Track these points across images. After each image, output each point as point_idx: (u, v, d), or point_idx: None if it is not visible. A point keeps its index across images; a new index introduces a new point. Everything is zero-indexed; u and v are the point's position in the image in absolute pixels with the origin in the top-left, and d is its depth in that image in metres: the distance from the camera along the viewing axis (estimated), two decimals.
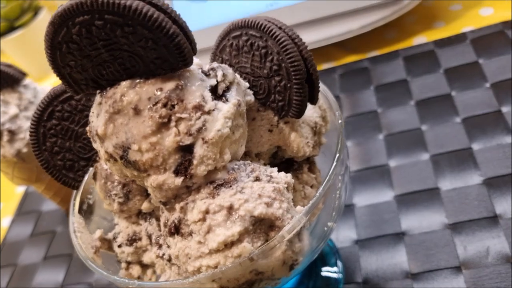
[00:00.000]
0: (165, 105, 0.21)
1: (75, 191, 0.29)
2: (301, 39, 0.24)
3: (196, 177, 0.22)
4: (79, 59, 0.21)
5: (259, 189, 0.22)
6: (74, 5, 0.19)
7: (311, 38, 0.51)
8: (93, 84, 0.22)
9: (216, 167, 0.22)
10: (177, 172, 0.21)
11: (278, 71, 0.24)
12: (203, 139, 0.21)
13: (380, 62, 0.49)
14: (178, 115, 0.21)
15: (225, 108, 0.22)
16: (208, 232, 0.21)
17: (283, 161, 0.28)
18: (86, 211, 0.30)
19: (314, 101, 0.25)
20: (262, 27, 0.24)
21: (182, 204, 0.22)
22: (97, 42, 0.20)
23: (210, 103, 0.22)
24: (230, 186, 0.22)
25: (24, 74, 0.43)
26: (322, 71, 0.51)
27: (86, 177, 0.29)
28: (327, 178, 0.23)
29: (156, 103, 0.21)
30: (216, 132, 0.21)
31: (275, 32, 0.24)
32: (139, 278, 0.28)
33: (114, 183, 0.27)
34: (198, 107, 0.21)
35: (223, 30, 0.26)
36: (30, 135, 0.27)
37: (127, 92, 0.21)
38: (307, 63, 0.24)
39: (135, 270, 0.28)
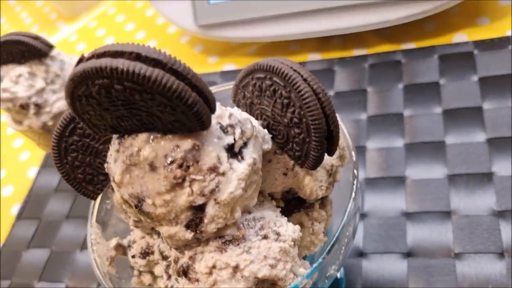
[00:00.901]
0: (180, 166, 0.21)
1: (92, 201, 0.30)
2: (325, 94, 0.23)
3: (206, 233, 0.22)
4: (98, 111, 0.21)
5: (266, 249, 0.23)
6: (93, 69, 0.19)
7: (345, 23, 0.48)
8: (112, 130, 0.23)
9: (226, 224, 0.23)
10: (188, 227, 0.22)
11: (298, 124, 0.24)
12: (215, 200, 0.22)
13: (415, 57, 0.47)
14: (192, 176, 0.21)
15: (239, 169, 0.22)
16: (213, 285, 0.23)
17: (296, 197, 0.28)
18: (104, 217, 0.31)
19: (331, 153, 0.25)
20: (287, 77, 0.23)
21: (191, 253, 0.23)
22: (116, 101, 0.20)
23: (225, 165, 0.22)
24: (238, 245, 0.23)
25: (51, 47, 0.42)
26: (352, 58, 0.50)
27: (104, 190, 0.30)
28: (334, 239, 0.24)
29: (172, 163, 0.21)
30: (228, 194, 0.22)
31: (299, 86, 0.23)
32: (149, 285, 0.30)
33: None
34: (213, 169, 0.22)
35: (248, 67, 0.26)
36: (53, 149, 0.28)
37: (144, 147, 0.22)
38: (328, 120, 0.24)
39: (147, 278, 0.30)
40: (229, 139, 0.22)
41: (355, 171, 0.27)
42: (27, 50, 0.41)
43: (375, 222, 0.38)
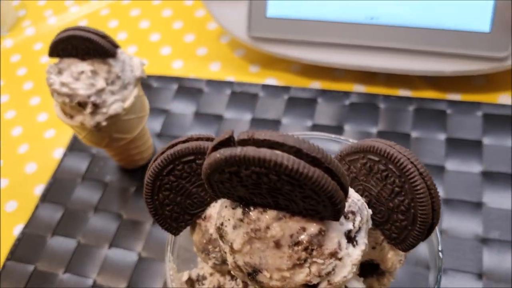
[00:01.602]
0: (305, 249, 0.22)
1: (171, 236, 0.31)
2: (436, 189, 0.25)
3: None
4: (236, 186, 0.22)
5: None
6: (256, 158, 0.20)
7: (399, 65, 0.50)
8: (239, 200, 0.23)
9: None
10: None
11: (405, 212, 0.25)
12: (328, 281, 0.23)
13: (459, 110, 0.49)
14: (314, 259, 0.22)
15: (354, 255, 0.23)
16: None
17: (369, 263, 0.30)
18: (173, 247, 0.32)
19: (424, 239, 0.27)
20: (404, 170, 0.25)
21: None
22: (262, 184, 0.21)
23: (344, 250, 0.23)
24: None
25: (116, 47, 0.42)
26: (397, 98, 0.51)
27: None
28: None
29: (297, 244, 0.22)
30: (342, 278, 0.23)
31: (415, 181, 0.24)
32: None
33: (216, 249, 0.29)
34: (333, 254, 0.23)
35: (360, 145, 0.26)
36: (146, 185, 0.28)
37: (272, 225, 0.22)
38: (434, 214, 0.25)
39: None
40: (348, 226, 0.24)
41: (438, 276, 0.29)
42: (93, 48, 0.40)
43: None
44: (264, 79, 0.56)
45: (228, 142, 0.21)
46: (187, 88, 0.57)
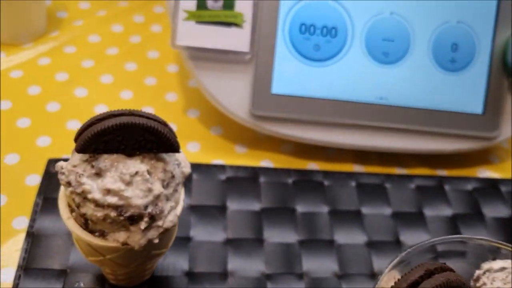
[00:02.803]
0: None
1: None
2: None
3: None
4: None
5: None
6: None
7: (400, 144, 0.50)
8: None
9: None
10: None
11: None
12: None
13: (452, 184, 0.51)
14: None
15: None
16: None
17: None
18: None
19: None
20: None
21: None
22: None
23: None
24: None
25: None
26: (395, 177, 0.51)
27: None
28: None
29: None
30: None
31: None
32: None
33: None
34: None
35: None
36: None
37: None
38: None
39: None
40: None
41: None
42: (155, 142, 0.30)
43: None
44: (260, 162, 0.50)
45: None
46: None
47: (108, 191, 0.29)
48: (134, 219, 0.29)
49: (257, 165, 0.50)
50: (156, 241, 0.31)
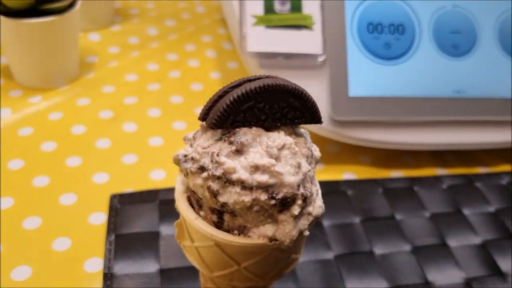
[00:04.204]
0: None
1: None
2: None
3: None
4: None
5: None
6: None
7: (482, 138, 0.47)
8: None
9: None
10: None
11: None
12: None
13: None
14: None
15: None
16: None
17: None
18: None
19: None
20: None
21: None
22: None
23: None
24: None
25: None
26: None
27: None
28: None
29: None
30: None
31: None
32: None
33: None
34: None
35: None
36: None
37: None
38: None
39: None
40: None
41: None
42: (299, 109, 0.25)
43: None
44: (342, 175, 0.45)
45: None
46: None
47: (256, 168, 0.23)
48: (286, 204, 0.24)
49: (338, 178, 0.45)
50: (307, 233, 0.25)
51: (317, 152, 0.28)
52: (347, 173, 0.46)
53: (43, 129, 0.46)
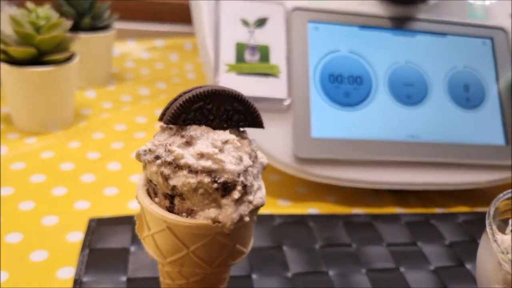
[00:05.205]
0: None
1: None
2: None
3: None
4: None
5: None
6: None
7: (435, 179, 0.51)
8: None
9: None
10: None
11: None
12: None
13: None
14: None
15: None
16: None
17: None
18: None
19: None
20: None
21: None
22: None
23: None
24: None
25: None
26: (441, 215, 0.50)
27: None
28: None
29: None
30: None
31: None
32: None
33: None
34: None
35: None
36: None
37: None
38: None
39: None
40: None
41: None
42: (243, 113, 0.30)
43: None
44: (307, 210, 0.49)
45: None
46: None
47: (201, 155, 0.28)
48: (227, 188, 0.28)
49: (304, 212, 0.48)
50: (247, 219, 0.29)
51: (264, 159, 0.32)
52: (311, 209, 0.49)
53: (35, 164, 0.51)
